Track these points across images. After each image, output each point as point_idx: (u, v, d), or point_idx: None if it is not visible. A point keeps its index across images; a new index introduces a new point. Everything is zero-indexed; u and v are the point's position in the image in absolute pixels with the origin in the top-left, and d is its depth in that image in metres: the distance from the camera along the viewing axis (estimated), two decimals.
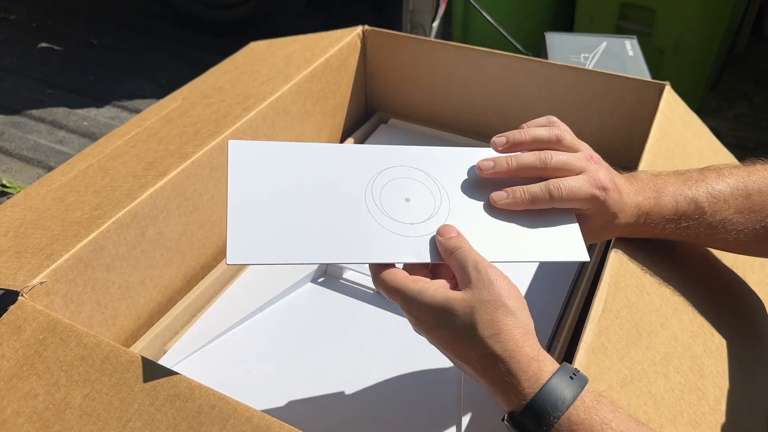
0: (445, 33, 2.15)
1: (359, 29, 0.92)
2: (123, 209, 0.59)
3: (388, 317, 0.67)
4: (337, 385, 0.60)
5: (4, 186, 1.40)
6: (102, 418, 0.44)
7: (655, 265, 0.56)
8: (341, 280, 0.72)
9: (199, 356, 0.63)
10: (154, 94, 1.78)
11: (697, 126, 0.81)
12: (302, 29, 1.03)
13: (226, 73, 0.88)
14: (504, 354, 0.41)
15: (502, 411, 0.42)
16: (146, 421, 0.43)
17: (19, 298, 0.51)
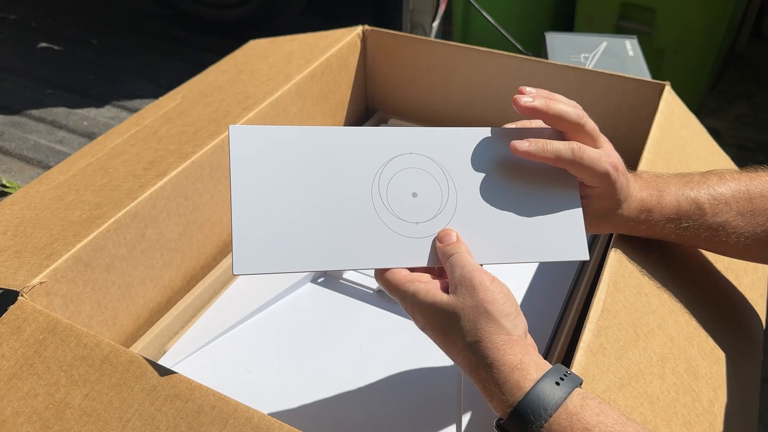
0: (445, 33, 2.15)
1: (359, 29, 0.92)
2: (123, 209, 0.59)
3: (388, 317, 0.67)
4: (337, 385, 0.60)
5: (4, 186, 1.40)
6: (102, 418, 0.44)
7: (653, 266, 0.56)
8: (341, 280, 0.72)
9: (199, 356, 0.63)
10: (153, 93, 1.78)
11: (695, 127, 0.81)
12: (302, 29, 1.03)
13: (225, 71, 0.88)
14: (485, 362, 0.41)
15: (495, 415, 0.42)
16: (146, 421, 0.43)
17: (19, 298, 0.51)
